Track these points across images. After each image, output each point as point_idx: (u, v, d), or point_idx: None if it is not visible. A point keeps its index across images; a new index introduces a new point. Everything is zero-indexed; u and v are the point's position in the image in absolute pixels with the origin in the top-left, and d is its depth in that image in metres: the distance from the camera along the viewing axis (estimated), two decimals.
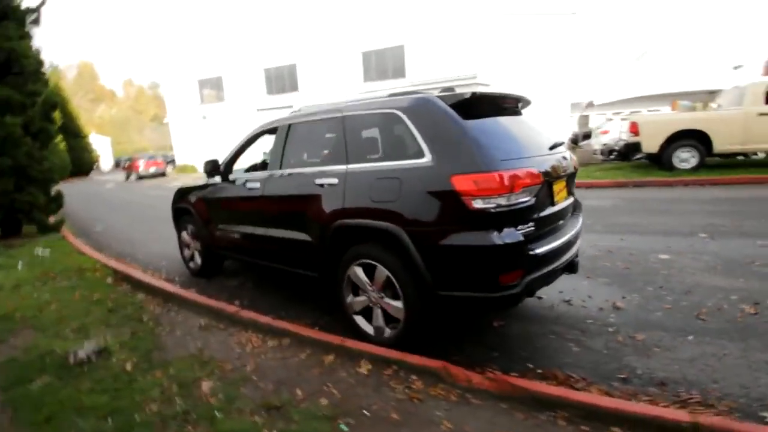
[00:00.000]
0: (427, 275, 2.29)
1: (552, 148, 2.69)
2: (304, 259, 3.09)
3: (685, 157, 8.69)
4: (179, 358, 2.68)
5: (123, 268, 4.69)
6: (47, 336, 3.13)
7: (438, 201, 2.23)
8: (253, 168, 4.22)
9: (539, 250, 2.27)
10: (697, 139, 8.48)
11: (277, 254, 3.34)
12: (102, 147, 42.23)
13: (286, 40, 21.58)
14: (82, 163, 31.01)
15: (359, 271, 2.66)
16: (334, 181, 2.73)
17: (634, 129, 9.08)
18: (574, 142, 16.05)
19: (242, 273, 4.64)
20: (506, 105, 2.72)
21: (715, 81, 18.23)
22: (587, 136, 15.94)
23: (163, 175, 24.75)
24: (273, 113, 23.15)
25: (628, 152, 10.35)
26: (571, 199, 2.89)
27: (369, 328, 2.71)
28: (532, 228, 2.28)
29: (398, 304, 2.48)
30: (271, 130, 3.59)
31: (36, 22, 7.15)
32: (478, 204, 2.12)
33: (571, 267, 2.64)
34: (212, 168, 3.85)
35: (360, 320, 2.76)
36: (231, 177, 3.88)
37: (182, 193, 4.65)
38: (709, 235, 4.56)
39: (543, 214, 2.39)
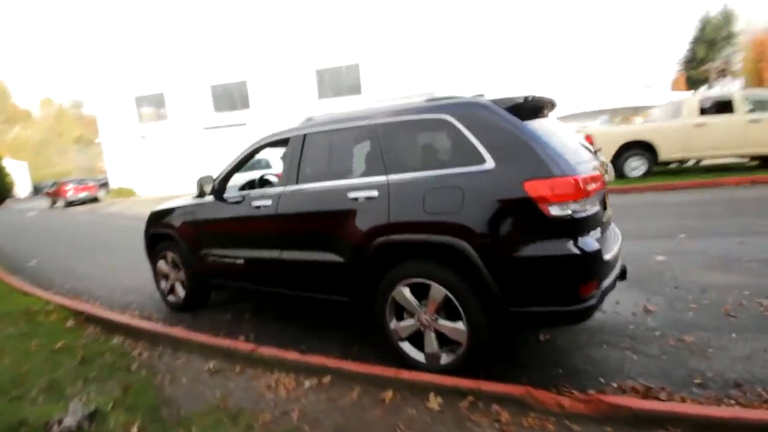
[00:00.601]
0: (497, 291, 2.10)
1: (594, 153, 2.66)
2: (332, 283, 2.76)
3: (636, 166, 9.44)
4: (199, 413, 2.22)
5: (86, 307, 3.97)
6: (9, 400, 2.48)
7: (509, 209, 2.07)
8: (250, 186, 3.81)
9: (607, 257, 2.18)
10: (645, 149, 9.27)
11: (295, 280, 2.97)
12: (17, 172, 37.58)
13: (235, 56, 20.84)
14: None
15: (407, 292, 2.40)
16: (373, 193, 2.47)
17: (589, 140, 9.71)
18: None
19: (232, 304, 4.13)
20: (546, 109, 2.66)
21: (632, 99, 20.41)
22: None
23: (95, 200, 22.38)
24: (222, 132, 22.07)
25: None
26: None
27: (419, 356, 2.44)
28: (599, 235, 2.20)
29: (459, 325, 2.25)
30: (278, 142, 3.25)
31: None
32: (555, 211, 1.99)
33: (624, 274, 2.59)
34: (213, 185, 3.40)
35: (407, 347, 2.48)
36: (226, 196, 3.45)
37: (158, 217, 4.08)
38: (688, 236, 4.86)
39: (603, 220, 2.32)
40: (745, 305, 3.01)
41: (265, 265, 3.11)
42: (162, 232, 3.98)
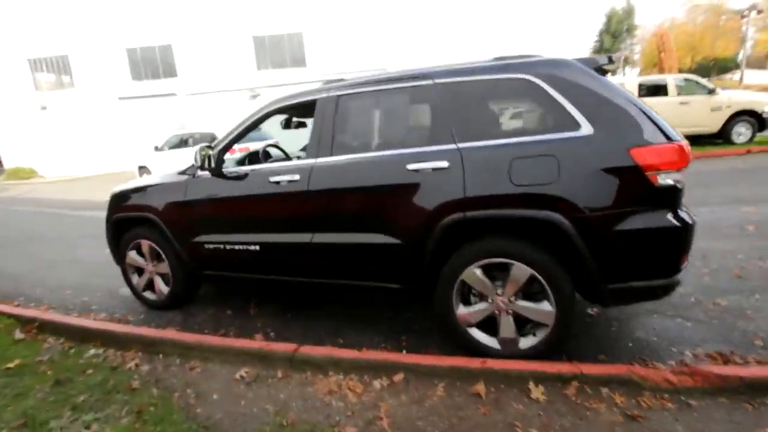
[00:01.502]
0: (594, 268, 1.96)
1: None
2: (381, 268, 2.43)
3: None
4: None
5: (35, 313, 3.16)
6: None
7: (613, 179, 1.90)
8: (251, 159, 3.24)
9: None
10: None
11: (330, 267, 2.57)
12: None
13: (156, 15, 18.22)
14: None
15: (480, 274, 2.17)
16: (443, 164, 2.16)
17: None
18: None
19: (217, 297, 3.57)
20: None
21: None
22: None
23: None
24: (143, 103, 19.43)
25: None
26: None
27: (492, 342, 2.24)
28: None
29: (545, 306, 2.08)
30: (296, 107, 2.76)
31: None
32: (662, 180, 1.87)
33: None
34: (210, 158, 2.79)
35: (477, 334, 2.27)
36: (227, 170, 2.88)
37: (125, 198, 3.34)
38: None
39: None
40: (747, 268, 3.26)
41: (290, 252, 2.66)
42: (134, 216, 3.26)
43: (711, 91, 9.30)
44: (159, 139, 12.55)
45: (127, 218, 3.31)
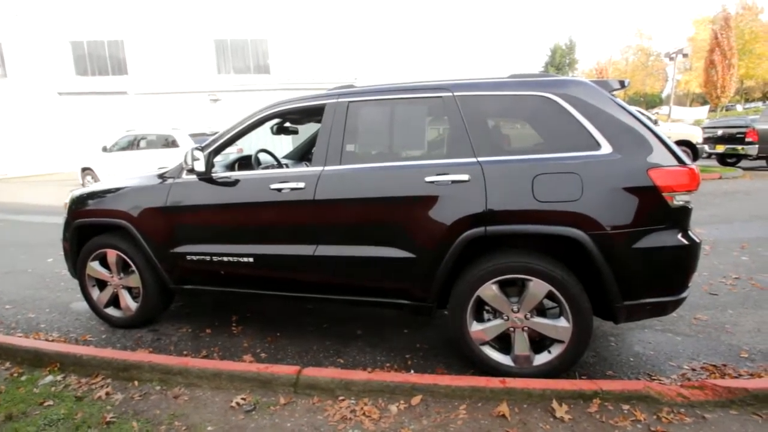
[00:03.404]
0: (612, 284, 1.99)
1: None
2: (391, 284, 2.32)
3: None
4: None
5: None
6: None
7: (633, 198, 1.96)
8: (243, 164, 3.01)
9: None
10: None
11: (334, 281, 2.42)
12: None
13: (107, 7, 17.05)
14: None
15: (496, 290, 2.14)
16: (463, 177, 2.12)
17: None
18: None
19: (197, 312, 3.26)
20: None
21: None
22: None
23: None
24: (86, 100, 17.91)
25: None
26: None
27: (505, 359, 2.20)
28: None
29: (562, 322, 2.08)
30: (300, 112, 2.62)
31: None
32: (677, 200, 1.96)
33: None
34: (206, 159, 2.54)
35: (490, 351, 2.22)
36: (217, 175, 2.65)
37: (89, 201, 2.98)
38: None
39: None
40: (714, 284, 3.51)
41: (289, 265, 2.47)
42: (100, 222, 2.90)
43: (654, 123, 10.24)
44: (107, 140, 11.56)
45: (92, 224, 2.94)
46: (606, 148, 2.01)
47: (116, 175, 7.64)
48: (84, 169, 11.22)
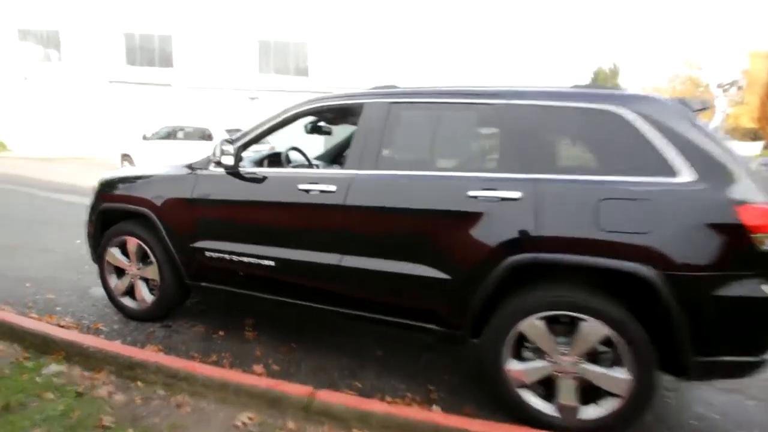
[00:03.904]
0: (683, 334, 1.69)
1: None
2: (422, 305, 2.10)
3: None
4: None
5: None
6: None
7: (716, 236, 1.67)
8: (273, 161, 2.87)
9: None
10: None
11: (358, 296, 2.22)
12: None
13: (160, 4, 17.80)
14: None
15: (542, 326, 1.87)
16: (515, 194, 1.88)
17: None
18: None
19: (211, 311, 3.13)
20: None
21: None
22: None
23: None
24: (134, 89, 18.68)
25: None
26: None
27: (547, 408, 1.92)
28: None
29: (619, 373, 1.78)
30: (335, 111, 2.46)
31: None
32: (767, 244, 1.64)
33: None
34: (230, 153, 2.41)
35: (529, 396, 1.94)
36: (244, 171, 2.51)
37: (117, 186, 2.93)
38: None
39: None
40: None
41: (311, 273, 2.29)
42: (125, 208, 2.83)
43: None
44: (147, 129, 11.92)
45: (117, 210, 2.87)
46: (687, 176, 1.72)
47: (151, 162, 7.79)
48: (124, 155, 11.61)
